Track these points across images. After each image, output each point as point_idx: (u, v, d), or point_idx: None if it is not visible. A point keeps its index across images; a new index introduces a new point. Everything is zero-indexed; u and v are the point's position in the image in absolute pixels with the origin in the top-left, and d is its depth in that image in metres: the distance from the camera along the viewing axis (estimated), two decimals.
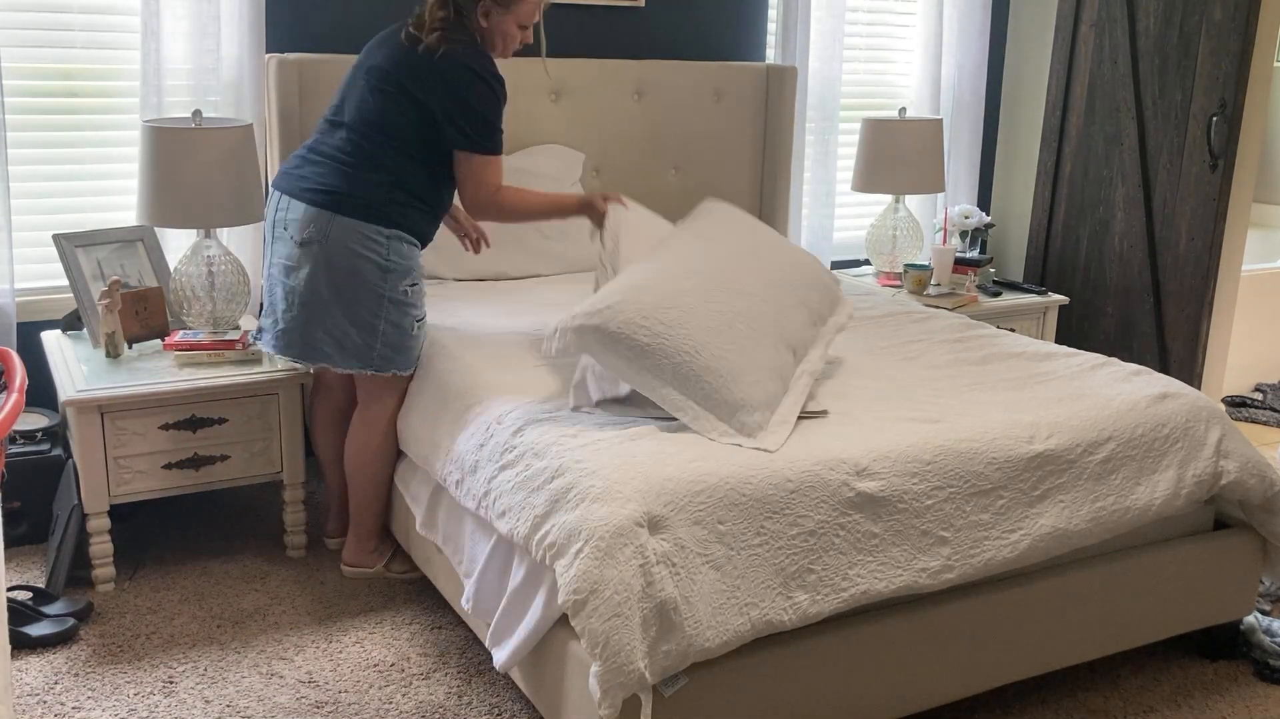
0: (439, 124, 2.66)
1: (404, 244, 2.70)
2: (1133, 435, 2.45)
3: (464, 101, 2.64)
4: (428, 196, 2.74)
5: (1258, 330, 4.71)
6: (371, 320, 2.68)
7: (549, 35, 3.74)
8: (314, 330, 2.70)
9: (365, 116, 2.68)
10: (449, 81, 2.64)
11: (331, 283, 2.66)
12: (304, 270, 2.67)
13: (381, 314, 2.68)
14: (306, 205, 2.66)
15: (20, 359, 1.84)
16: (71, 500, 2.82)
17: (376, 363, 2.72)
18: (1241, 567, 2.62)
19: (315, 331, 2.70)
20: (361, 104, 2.70)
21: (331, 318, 2.68)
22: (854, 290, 3.52)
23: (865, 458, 2.18)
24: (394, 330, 2.71)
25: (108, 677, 2.50)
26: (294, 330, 2.72)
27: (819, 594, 2.06)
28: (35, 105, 3.21)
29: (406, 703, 2.43)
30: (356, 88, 2.73)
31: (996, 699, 2.50)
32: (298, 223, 2.67)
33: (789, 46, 4.09)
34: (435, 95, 2.64)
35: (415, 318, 2.75)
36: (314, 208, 2.65)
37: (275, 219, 2.75)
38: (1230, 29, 3.85)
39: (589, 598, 1.88)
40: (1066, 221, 4.48)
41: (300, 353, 2.74)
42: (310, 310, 2.69)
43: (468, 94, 2.64)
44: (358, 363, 2.71)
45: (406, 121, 2.66)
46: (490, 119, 2.69)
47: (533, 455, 2.19)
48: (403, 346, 2.73)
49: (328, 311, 2.68)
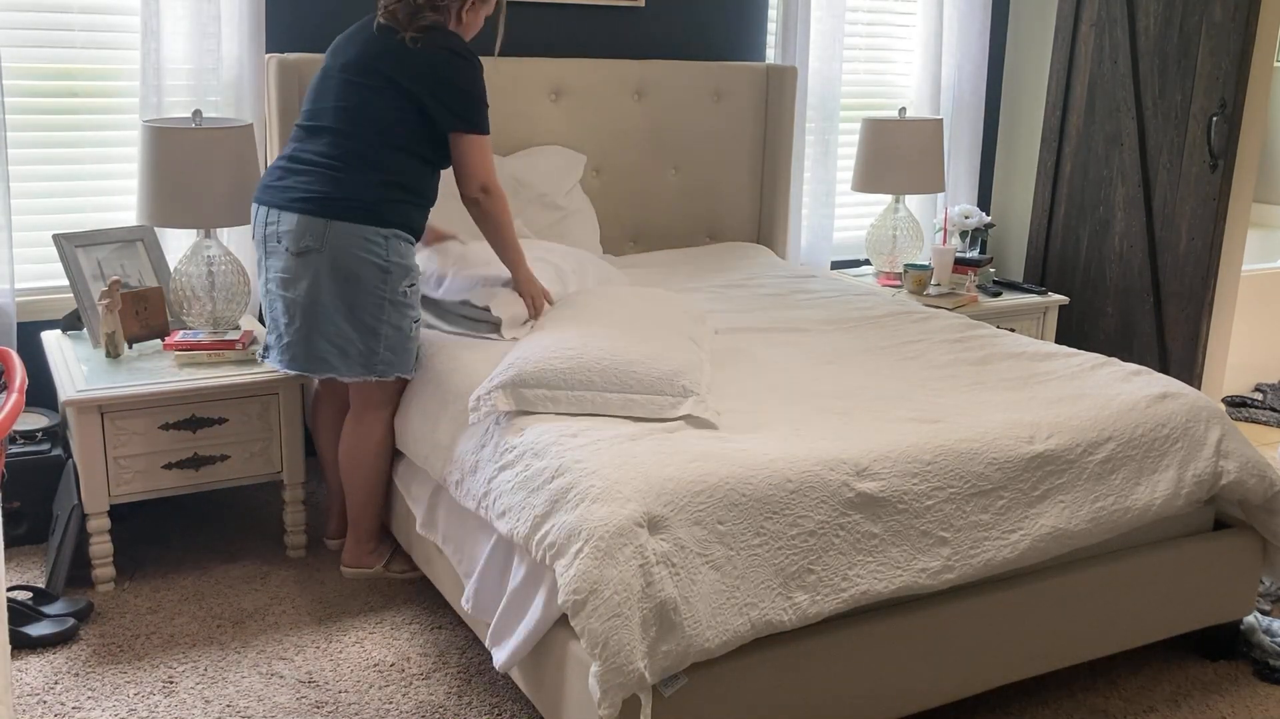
0: (427, 110, 2.65)
1: (401, 243, 2.69)
2: (1133, 435, 2.45)
3: (450, 82, 2.65)
4: (417, 189, 2.73)
5: (1258, 330, 4.71)
6: (373, 324, 2.67)
7: (549, 35, 3.76)
8: (317, 340, 2.67)
9: (346, 114, 2.66)
10: (433, 65, 2.64)
11: (333, 290, 2.63)
12: (304, 281, 2.63)
13: (383, 317, 2.67)
14: (299, 215, 2.61)
15: (20, 359, 1.84)
16: (71, 500, 2.82)
17: (380, 368, 2.70)
18: (1241, 567, 2.62)
19: (318, 342, 2.67)
20: (340, 102, 2.67)
21: (334, 325, 2.65)
22: (854, 290, 3.53)
23: (865, 458, 2.18)
24: (395, 333, 2.69)
25: (108, 677, 2.50)
26: (298, 344, 2.68)
27: (819, 594, 2.06)
28: (35, 105, 3.21)
29: (406, 703, 2.43)
30: (331, 88, 2.70)
31: (996, 699, 2.51)
32: (292, 234, 2.62)
33: (789, 46, 4.09)
34: (421, 80, 2.64)
35: (413, 319, 2.74)
36: (307, 216, 2.61)
37: (266, 234, 2.68)
38: (1230, 29, 3.85)
39: (589, 598, 1.88)
40: (1066, 221, 4.48)
41: (305, 365, 2.70)
42: (312, 320, 2.65)
43: (453, 74, 2.65)
44: (361, 369, 2.69)
45: (392, 113, 2.65)
46: (477, 95, 2.69)
47: (533, 455, 2.19)
48: (403, 349, 2.72)
49: (330, 319, 2.65)
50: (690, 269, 3.69)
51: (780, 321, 3.11)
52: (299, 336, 2.68)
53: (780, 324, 3.08)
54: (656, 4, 3.94)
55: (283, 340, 2.72)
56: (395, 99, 2.65)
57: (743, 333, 2.99)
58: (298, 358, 2.70)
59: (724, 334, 2.97)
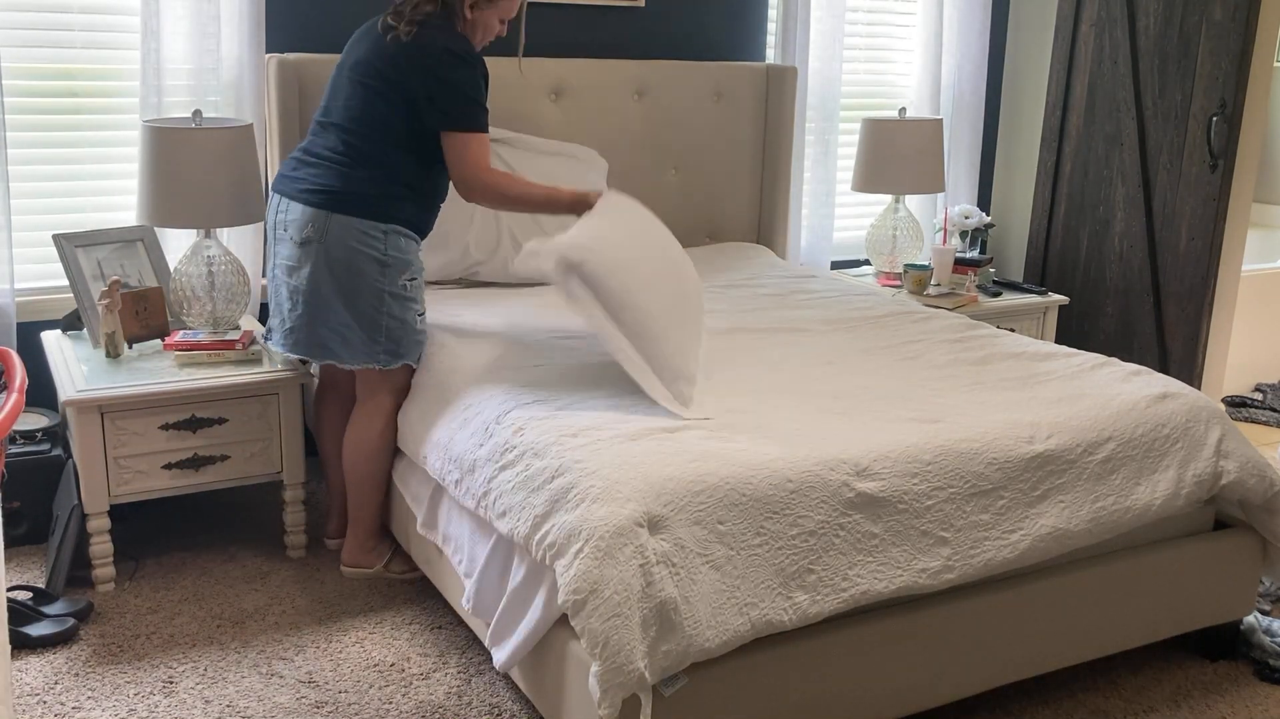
0: (420, 108, 2.67)
1: (401, 238, 2.72)
2: (1133, 435, 2.45)
3: (442, 80, 2.65)
4: (421, 187, 2.76)
5: (1258, 330, 4.71)
6: (374, 315, 2.70)
7: (549, 35, 3.75)
8: (319, 328, 2.73)
9: (352, 113, 2.71)
10: (427, 63, 2.65)
11: (332, 280, 2.68)
12: (305, 269, 2.70)
13: (384, 309, 2.71)
14: (304, 206, 2.69)
15: (20, 359, 1.84)
16: (71, 500, 2.82)
17: (382, 358, 2.74)
18: (1241, 567, 2.62)
19: (320, 329, 2.73)
20: (348, 101, 2.72)
21: (336, 314, 2.71)
22: (854, 290, 3.53)
23: (865, 458, 2.18)
24: (398, 325, 2.73)
25: (108, 677, 2.50)
26: (300, 329, 2.75)
27: (819, 594, 2.06)
28: (35, 105, 3.20)
29: (406, 703, 2.43)
30: (342, 86, 2.76)
31: (996, 699, 2.50)
32: (296, 223, 2.70)
33: (789, 46, 4.09)
34: (415, 78, 2.66)
35: (417, 311, 2.78)
36: (311, 208, 2.68)
37: (275, 221, 2.78)
38: (1230, 29, 3.85)
39: (589, 598, 1.88)
40: (1066, 221, 4.48)
41: (307, 350, 2.77)
42: (314, 308, 2.71)
43: (446, 73, 2.65)
44: (364, 357, 2.74)
45: (392, 112, 2.68)
46: (470, 95, 2.68)
47: (533, 455, 2.19)
48: (408, 340, 2.76)
49: (331, 308, 2.70)
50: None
51: (780, 321, 3.11)
52: (301, 322, 2.75)
53: (780, 324, 3.08)
54: (656, 4, 3.94)
55: (285, 325, 2.79)
56: (396, 99, 2.68)
57: (743, 333, 2.99)
58: (300, 343, 2.78)
59: (724, 334, 2.97)
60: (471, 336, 2.85)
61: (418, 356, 2.80)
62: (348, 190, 2.67)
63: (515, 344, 2.80)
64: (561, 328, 2.94)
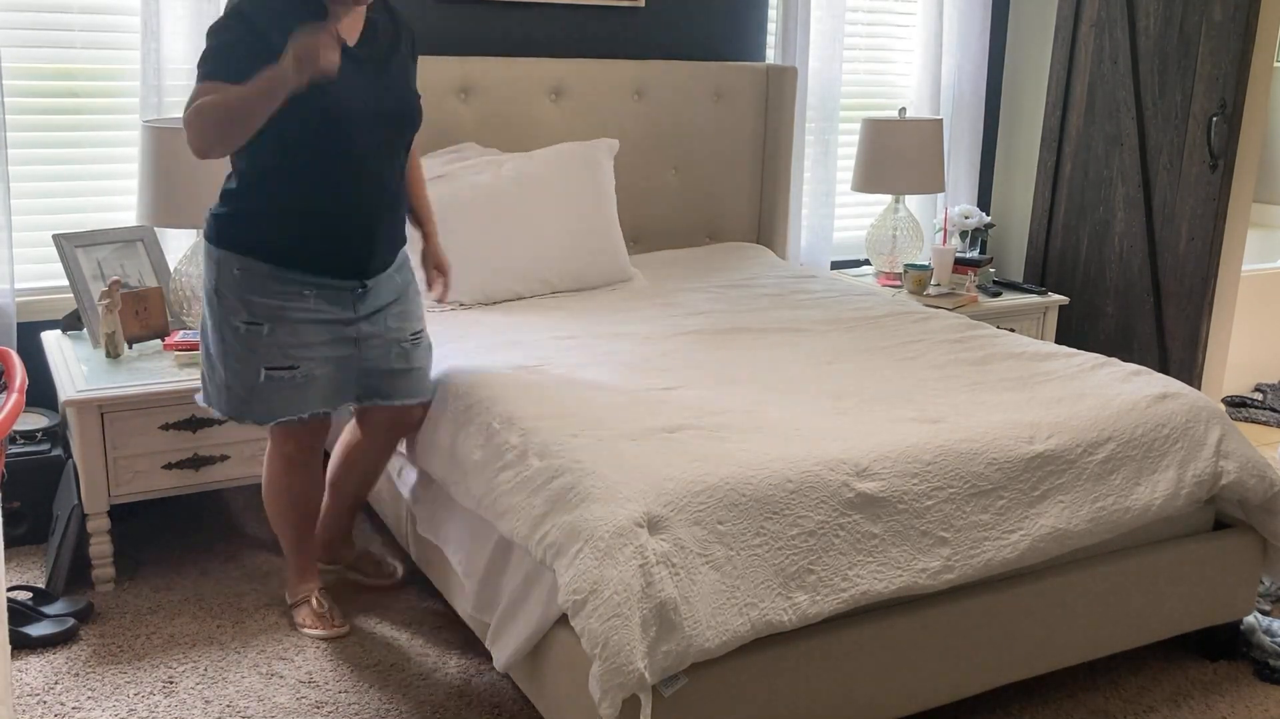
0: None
1: (233, 269, 2.34)
2: (1133, 435, 2.45)
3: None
4: (253, 196, 2.34)
5: (1258, 330, 4.71)
6: (209, 350, 2.45)
7: (549, 35, 3.75)
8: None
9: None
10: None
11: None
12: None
13: (214, 347, 2.42)
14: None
15: (20, 359, 1.84)
16: (71, 500, 2.82)
17: (216, 403, 2.46)
18: (1241, 567, 2.62)
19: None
20: None
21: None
22: (854, 290, 3.52)
23: (865, 458, 2.18)
24: (231, 374, 2.40)
25: (108, 677, 2.50)
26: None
27: (819, 595, 2.06)
28: (35, 105, 3.21)
29: (406, 703, 2.43)
30: None
31: (996, 699, 2.50)
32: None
33: (789, 46, 4.09)
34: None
35: (262, 365, 2.36)
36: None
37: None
38: (1230, 29, 3.85)
39: (589, 598, 1.88)
40: (1066, 222, 4.48)
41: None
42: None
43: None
44: (205, 399, 2.52)
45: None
46: (211, 44, 2.22)
47: (533, 455, 2.19)
48: (240, 395, 2.40)
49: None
50: (690, 269, 3.69)
51: (780, 321, 3.11)
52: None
53: (780, 324, 3.08)
54: (656, 4, 3.94)
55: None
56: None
57: (742, 333, 2.99)
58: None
59: (724, 334, 2.97)
60: (471, 338, 2.84)
61: (257, 418, 2.42)
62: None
63: (516, 345, 2.80)
64: (561, 328, 2.94)
